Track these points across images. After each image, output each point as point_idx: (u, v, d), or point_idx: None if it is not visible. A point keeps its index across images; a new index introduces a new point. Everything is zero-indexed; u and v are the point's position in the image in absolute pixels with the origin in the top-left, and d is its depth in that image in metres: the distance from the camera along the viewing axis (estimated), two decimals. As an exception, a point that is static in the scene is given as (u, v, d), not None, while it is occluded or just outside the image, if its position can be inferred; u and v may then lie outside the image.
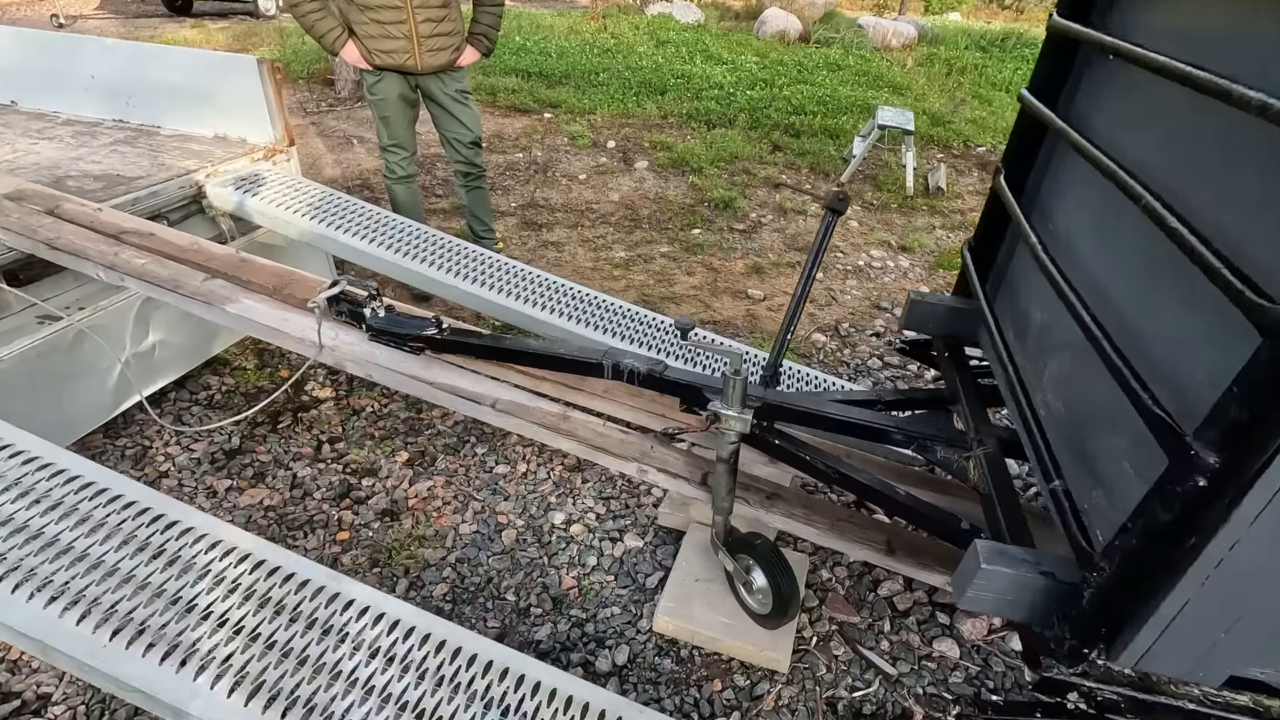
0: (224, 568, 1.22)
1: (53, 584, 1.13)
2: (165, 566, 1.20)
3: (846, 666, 1.53)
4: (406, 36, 2.50)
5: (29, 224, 1.79)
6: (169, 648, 1.09)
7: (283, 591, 1.21)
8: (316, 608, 1.19)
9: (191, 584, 1.18)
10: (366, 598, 1.23)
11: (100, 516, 1.24)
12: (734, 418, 1.42)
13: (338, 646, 1.14)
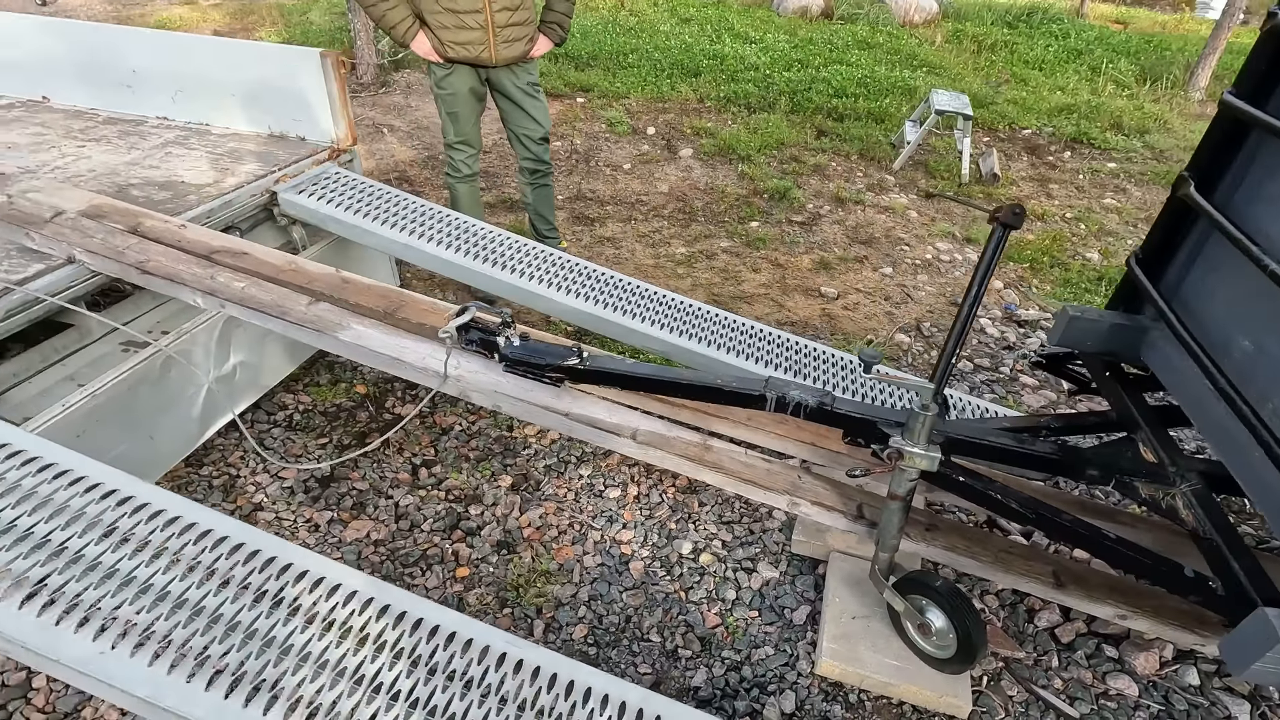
0: (351, 616, 1.11)
1: (173, 644, 1.02)
2: (289, 618, 1.09)
3: (1024, 709, 1.46)
4: (482, 27, 2.33)
5: (114, 245, 1.65)
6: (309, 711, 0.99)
7: (431, 647, 1.10)
8: (452, 656, 1.09)
9: (320, 637, 1.07)
10: (504, 644, 1.13)
11: (225, 568, 1.13)
12: (920, 454, 1.32)
13: (482, 702, 1.04)
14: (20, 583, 1.05)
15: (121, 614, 1.05)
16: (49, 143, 2.37)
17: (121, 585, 1.08)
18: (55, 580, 1.06)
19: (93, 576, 1.08)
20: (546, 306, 2.07)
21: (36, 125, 2.52)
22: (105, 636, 1.02)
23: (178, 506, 1.21)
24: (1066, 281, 3.29)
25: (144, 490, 1.23)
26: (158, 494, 1.23)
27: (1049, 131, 5.02)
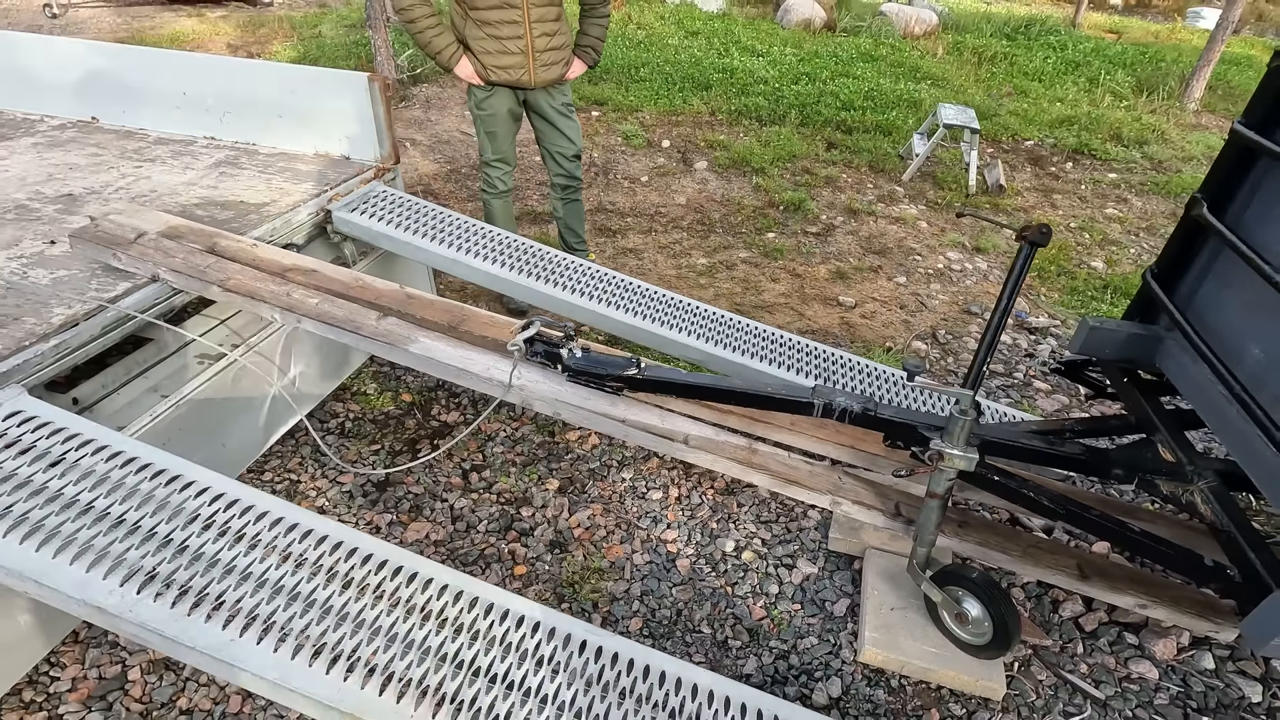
0: (459, 613, 1.22)
1: (361, 659, 1.12)
2: (393, 608, 1.19)
3: (1054, 691, 1.57)
4: (523, 52, 2.45)
5: (196, 264, 1.75)
6: (420, 692, 1.09)
7: (518, 635, 1.21)
8: (539, 644, 1.20)
9: (446, 638, 1.18)
10: (552, 620, 1.23)
11: (329, 563, 1.24)
12: (959, 456, 1.43)
13: (553, 678, 1.15)
14: (152, 578, 1.15)
15: (243, 605, 1.15)
16: (107, 163, 2.48)
17: (240, 580, 1.18)
18: (181, 576, 1.17)
19: (214, 572, 1.18)
20: (582, 316, 2.18)
21: (92, 146, 2.62)
22: (233, 626, 1.12)
23: (280, 508, 1.32)
24: (1073, 290, 3.42)
25: (246, 492, 1.33)
26: (259, 495, 1.33)
27: (1051, 143, 5.16)
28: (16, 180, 2.28)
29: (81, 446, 1.32)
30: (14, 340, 1.48)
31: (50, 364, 1.48)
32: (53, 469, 1.27)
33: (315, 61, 6.32)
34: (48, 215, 2.07)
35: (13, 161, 2.43)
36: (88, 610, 1.12)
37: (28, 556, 1.14)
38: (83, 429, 1.36)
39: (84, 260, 1.82)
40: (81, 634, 1.61)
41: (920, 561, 1.59)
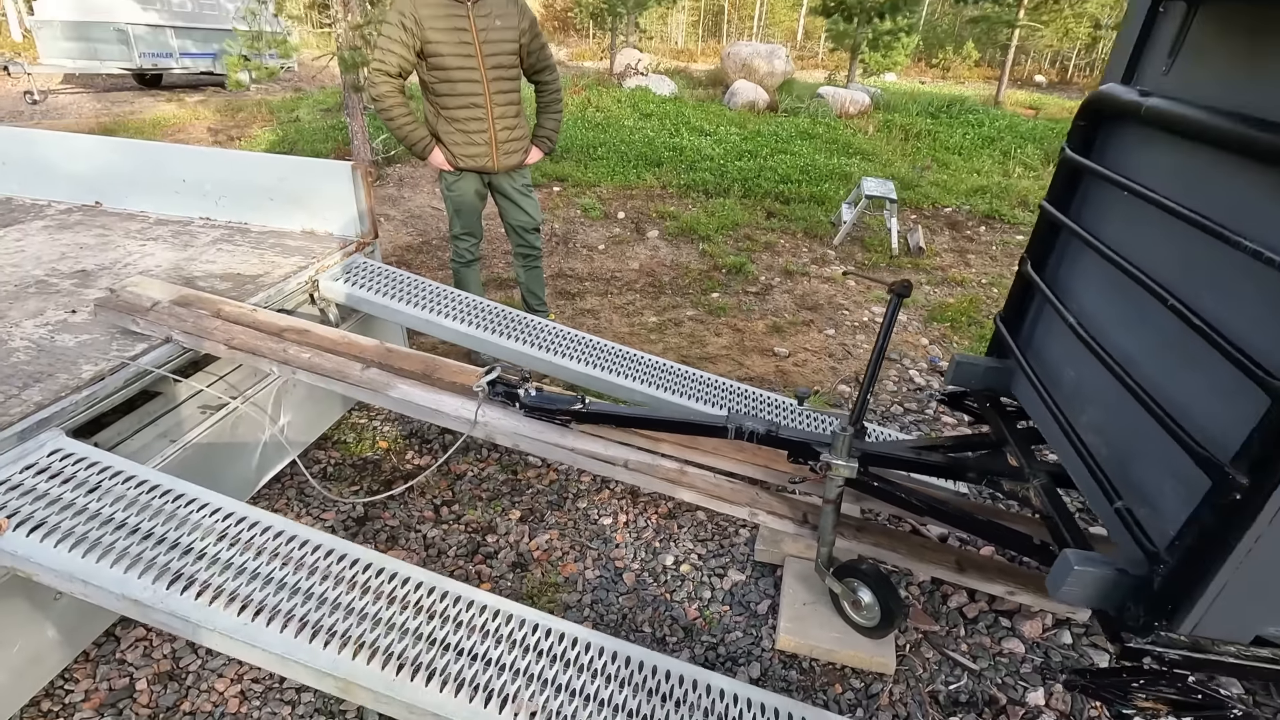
0: (434, 604, 1.49)
1: (354, 639, 1.38)
2: (416, 613, 1.46)
3: (938, 666, 1.86)
4: (487, 143, 2.86)
5: (204, 327, 2.05)
6: (445, 678, 1.35)
7: (520, 635, 1.48)
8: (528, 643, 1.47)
9: (424, 622, 1.44)
10: (536, 618, 1.51)
11: (325, 567, 1.50)
12: (843, 465, 1.77)
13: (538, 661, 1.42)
14: (178, 577, 1.41)
15: (253, 597, 1.41)
16: (114, 242, 2.78)
17: (250, 578, 1.44)
18: (202, 575, 1.42)
19: (228, 572, 1.44)
20: (543, 368, 2.51)
21: (98, 227, 2.93)
22: (245, 614, 1.38)
23: (279, 522, 1.59)
24: (982, 338, 3.86)
25: (251, 510, 1.60)
26: (262, 513, 1.60)
27: (967, 209, 5.77)
28: (34, 259, 2.57)
29: (113, 476, 1.59)
30: (51, 391, 1.75)
31: (82, 411, 1.75)
32: (91, 494, 1.53)
33: (294, 144, 6.76)
34: (65, 289, 2.35)
35: (27, 242, 2.73)
36: (126, 604, 1.36)
37: (76, 562, 1.39)
38: (113, 462, 1.62)
39: (103, 325, 2.10)
40: (91, 653, 1.81)
41: (823, 560, 1.90)
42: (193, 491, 1.61)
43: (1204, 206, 1.30)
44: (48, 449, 1.61)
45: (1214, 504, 1.17)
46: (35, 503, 1.48)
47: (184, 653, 1.83)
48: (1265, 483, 1.10)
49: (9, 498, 1.47)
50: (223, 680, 1.77)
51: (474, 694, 1.36)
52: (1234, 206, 1.25)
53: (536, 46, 2.92)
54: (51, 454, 1.60)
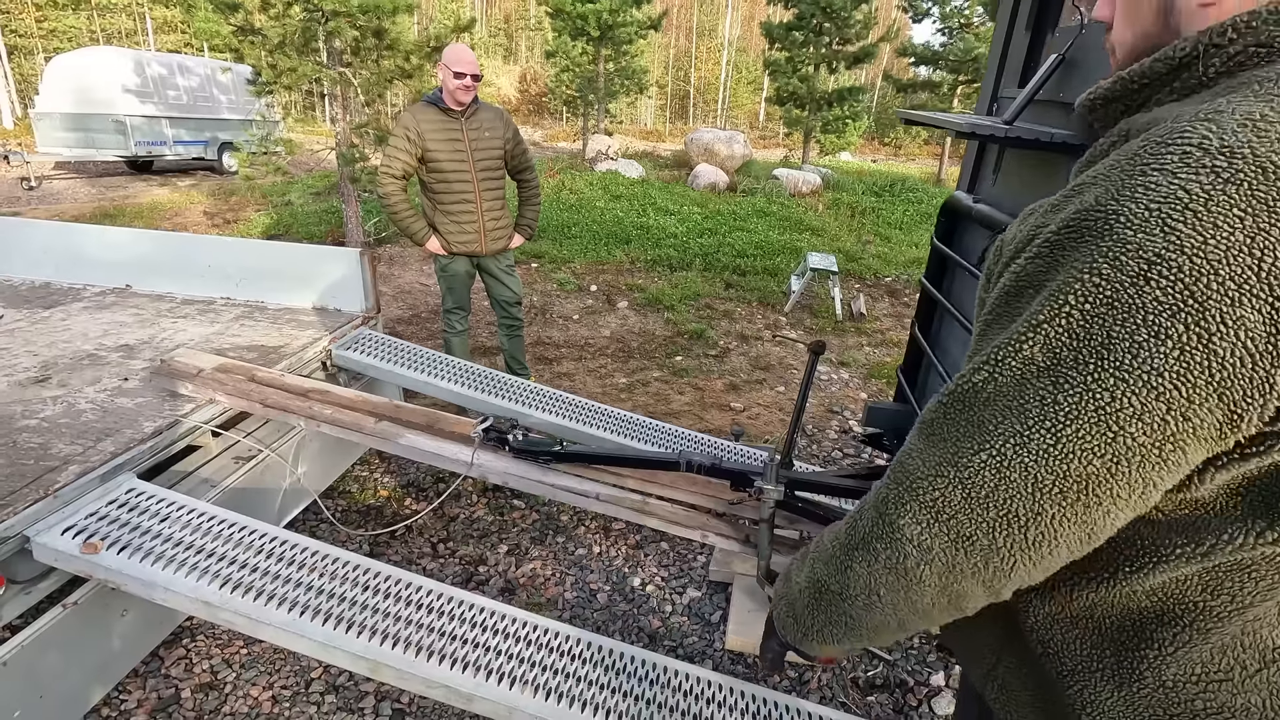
0: (440, 604, 1.85)
1: (380, 630, 1.74)
2: (425, 611, 1.82)
3: (860, 658, 2.24)
4: (477, 231, 3.37)
5: (243, 389, 2.45)
6: (453, 660, 1.71)
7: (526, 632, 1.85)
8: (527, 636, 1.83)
9: (433, 618, 1.80)
10: (524, 616, 1.88)
11: (354, 576, 1.86)
12: (771, 490, 2.19)
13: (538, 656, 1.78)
14: (238, 585, 1.76)
15: (299, 599, 1.76)
16: (148, 320, 3.18)
17: (295, 586, 1.80)
18: (257, 583, 1.78)
19: (277, 581, 1.80)
20: (526, 421, 2.92)
21: (132, 308, 3.33)
22: (294, 611, 1.73)
23: (309, 542, 1.95)
24: (914, 391, 4.37)
25: (286, 534, 1.96)
26: (294, 535, 1.96)
27: (905, 278, 6.42)
28: (81, 335, 2.96)
29: (179, 509, 1.95)
30: (122, 443, 2.12)
31: (149, 458, 2.12)
32: (163, 522, 1.89)
33: (289, 228, 7.26)
34: (114, 360, 2.74)
35: (72, 321, 3.11)
36: (198, 605, 1.71)
37: (157, 573, 1.74)
38: (176, 498, 1.99)
39: (154, 390, 2.48)
40: (139, 670, 2.11)
41: (762, 572, 2.29)
42: (242, 520, 1.97)
43: None
44: (124, 488, 1.98)
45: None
46: (120, 529, 1.84)
47: (220, 667, 2.14)
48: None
49: (99, 526, 1.83)
50: (256, 687, 2.08)
51: (476, 671, 1.71)
52: None
53: (519, 152, 3.47)
54: (128, 492, 1.97)
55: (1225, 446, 0.52)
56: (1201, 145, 0.50)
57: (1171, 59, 0.60)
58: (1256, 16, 0.55)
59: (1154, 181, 0.51)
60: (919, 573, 0.62)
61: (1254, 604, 0.59)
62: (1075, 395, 0.52)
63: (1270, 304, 0.47)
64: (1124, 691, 0.65)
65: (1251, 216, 0.47)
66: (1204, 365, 0.48)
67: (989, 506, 0.57)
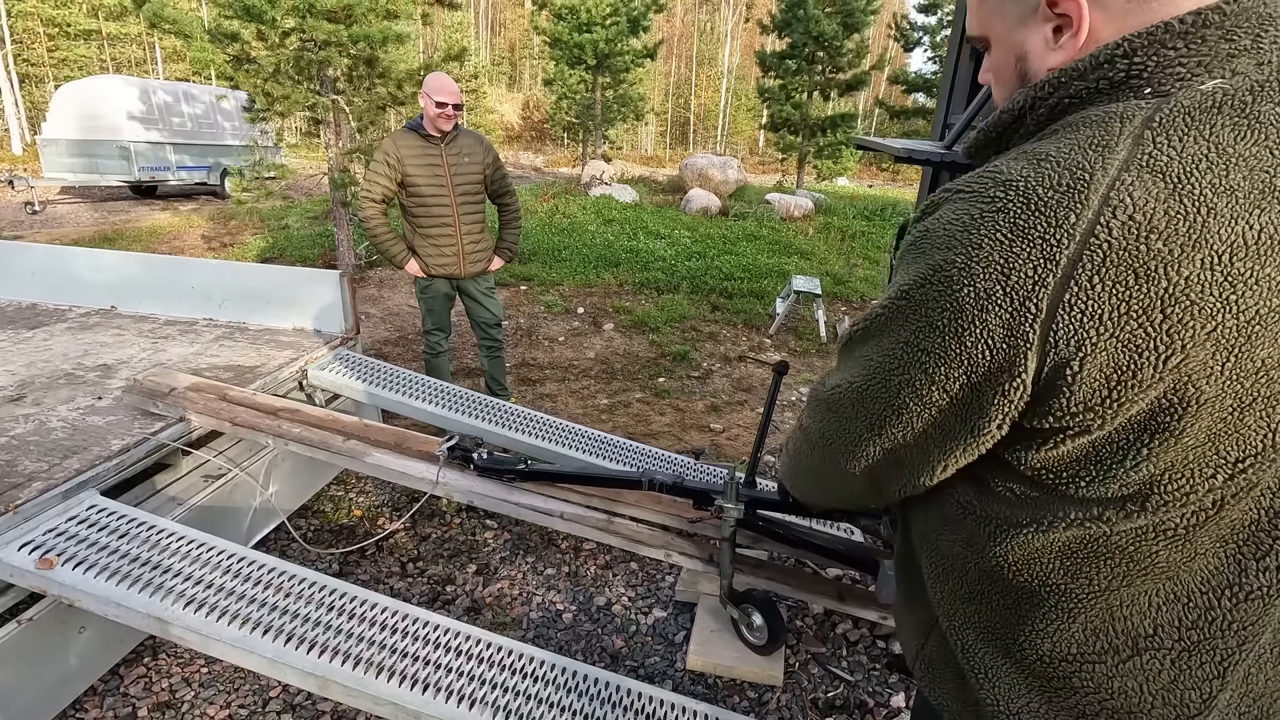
0: (398, 623, 1.86)
1: (330, 647, 1.75)
2: (371, 627, 1.83)
3: (821, 680, 2.23)
4: (455, 254, 3.42)
5: (213, 408, 2.48)
6: (402, 677, 1.72)
7: (471, 647, 1.86)
8: (480, 653, 1.84)
9: (389, 636, 1.81)
10: (478, 634, 1.88)
11: (310, 593, 1.87)
12: (731, 508, 2.20)
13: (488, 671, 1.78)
14: (192, 600, 1.78)
15: (251, 615, 1.77)
16: (129, 340, 3.23)
17: (249, 602, 1.81)
18: (212, 599, 1.79)
19: (232, 597, 1.81)
20: (498, 440, 2.94)
21: (114, 329, 3.38)
22: (245, 628, 1.74)
23: (271, 560, 1.97)
24: (894, 413, 4.39)
25: (249, 551, 1.98)
26: (257, 554, 1.98)
27: (891, 301, 6.46)
28: (60, 355, 3.00)
29: (139, 525, 1.97)
30: (87, 460, 2.15)
31: (113, 475, 2.15)
32: (122, 539, 1.91)
33: (284, 251, 7.36)
34: (91, 380, 2.78)
35: (54, 342, 3.16)
36: (150, 621, 1.73)
37: (111, 589, 1.75)
38: (138, 515, 2.01)
39: (126, 409, 2.52)
40: (98, 688, 2.11)
41: (725, 590, 2.30)
42: (202, 537, 1.99)
43: None
44: (86, 504, 2.00)
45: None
46: (78, 545, 1.86)
47: (179, 686, 2.14)
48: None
49: (57, 541, 1.85)
50: (213, 706, 2.08)
51: (425, 689, 1.72)
52: None
53: (499, 177, 3.54)
54: (89, 508, 1.99)
55: (989, 423, 0.62)
56: (994, 178, 0.59)
57: (1012, 110, 0.68)
58: (1064, 72, 0.63)
59: (955, 208, 0.61)
60: (824, 450, 0.82)
61: (1113, 588, 0.64)
62: (875, 352, 0.69)
63: (1010, 312, 0.56)
64: (1013, 665, 0.71)
65: (1007, 239, 0.56)
66: (957, 353, 0.60)
67: (832, 413, 0.78)
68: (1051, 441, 0.60)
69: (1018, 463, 0.64)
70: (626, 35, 14.00)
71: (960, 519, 0.72)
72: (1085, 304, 0.54)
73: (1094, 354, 0.54)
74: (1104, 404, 0.56)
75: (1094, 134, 0.57)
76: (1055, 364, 0.56)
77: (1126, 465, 0.59)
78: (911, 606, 0.86)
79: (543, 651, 1.90)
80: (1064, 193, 0.55)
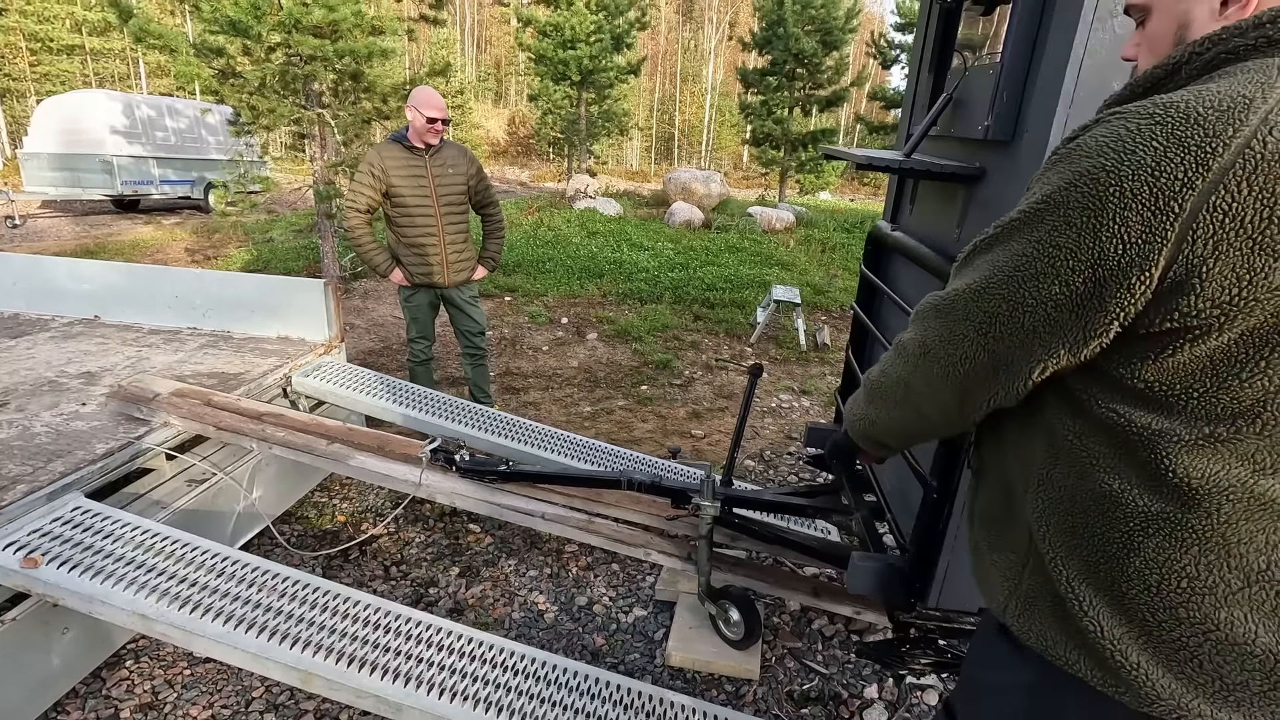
0: (380, 619, 1.90)
1: (314, 642, 1.78)
2: (359, 624, 1.86)
3: (796, 673, 2.29)
4: (439, 263, 3.48)
5: (197, 413, 2.51)
6: (384, 670, 1.75)
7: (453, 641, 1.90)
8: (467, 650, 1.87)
9: (371, 632, 1.85)
10: (457, 628, 1.92)
11: (294, 591, 1.90)
12: (708, 506, 2.26)
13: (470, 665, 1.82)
14: (176, 598, 1.80)
15: (235, 612, 1.80)
16: (113, 349, 3.25)
17: (232, 600, 1.84)
18: (196, 597, 1.82)
19: (216, 594, 1.84)
20: (480, 444, 2.99)
21: (98, 338, 3.40)
22: (230, 624, 1.77)
23: (256, 560, 2.00)
24: (872, 418, 4.48)
25: (232, 551, 2.01)
26: (238, 552, 2.01)
27: (870, 311, 6.59)
28: (44, 363, 3.02)
29: (124, 526, 2.00)
30: (72, 463, 2.17)
31: (98, 478, 2.17)
32: (106, 539, 1.94)
33: (268, 263, 7.37)
34: (74, 387, 2.79)
35: (37, 350, 3.17)
36: (134, 618, 1.75)
37: (95, 587, 1.78)
38: (122, 516, 2.04)
39: (110, 414, 2.54)
40: (80, 690, 2.12)
41: (702, 587, 2.35)
42: (186, 537, 2.02)
43: (912, 292, 1.93)
44: (70, 506, 2.02)
45: (927, 504, 1.71)
46: (62, 545, 1.88)
47: (162, 688, 2.16)
48: (948, 486, 1.65)
49: (42, 542, 1.87)
50: (196, 707, 2.09)
51: (407, 682, 1.75)
52: (922, 292, 1.89)
53: (482, 188, 3.61)
54: (74, 510, 2.01)
55: (1105, 321, 0.67)
56: (1154, 102, 0.66)
57: (1167, 65, 0.75)
58: (1226, 30, 0.69)
59: (1110, 125, 0.68)
60: (919, 359, 0.88)
61: (1231, 523, 0.67)
62: (1002, 254, 0.75)
63: (1152, 212, 0.62)
64: (1119, 595, 0.73)
65: (1162, 146, 0.62)
66: (1090, 248, 0.66)
67: (940, 318, 0.84)
68: (1170, 348, 0.66)
69: (1131, 376, 0.69)
70: (611, 52, 14.20)
71: (1072, 450, 0.76)
72: (1229, 206, 0.59)
73: (1229, 253, 0.60)
74: (1232, 303, 0.61)
75: (1255, 74, 0.63)
76: (1188, 263, 0.61)
77: (1242, 378, 0.64)
78: (1001, 548, 0.88)
79: (524, 646, 1.95)
80: (1224, 111, 0.61)
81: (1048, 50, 1.41)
